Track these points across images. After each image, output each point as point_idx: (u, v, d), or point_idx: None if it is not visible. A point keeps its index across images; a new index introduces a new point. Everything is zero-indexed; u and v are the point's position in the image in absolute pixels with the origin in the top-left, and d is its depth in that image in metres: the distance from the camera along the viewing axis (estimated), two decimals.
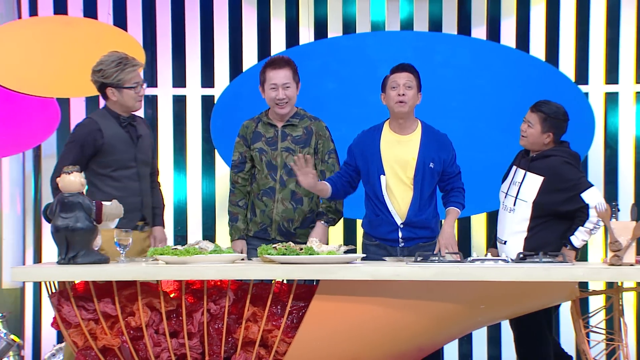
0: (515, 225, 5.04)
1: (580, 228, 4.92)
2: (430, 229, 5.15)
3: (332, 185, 5.12)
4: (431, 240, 5.15)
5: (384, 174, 5.10)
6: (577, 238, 4.93)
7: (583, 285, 5.09)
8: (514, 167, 5.15)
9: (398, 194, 5.12)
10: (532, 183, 5.02)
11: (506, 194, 5.12)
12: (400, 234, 5.11)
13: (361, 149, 5.20)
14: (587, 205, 4.90)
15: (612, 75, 6.57)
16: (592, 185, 4.96)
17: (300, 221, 5.22)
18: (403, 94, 5.07)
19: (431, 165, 5.10)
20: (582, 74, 6.57)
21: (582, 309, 4.58)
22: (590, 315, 4.68)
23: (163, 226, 5.22)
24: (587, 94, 6.49)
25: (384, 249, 5.15)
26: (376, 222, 5.17)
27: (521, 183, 5.04)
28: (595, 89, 6.57)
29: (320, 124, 5.32)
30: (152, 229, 5.17)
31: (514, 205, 5.04)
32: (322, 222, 5.23)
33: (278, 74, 5.17)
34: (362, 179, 5.21)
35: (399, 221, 5.11)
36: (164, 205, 5.29)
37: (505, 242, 5.06)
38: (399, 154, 5.12)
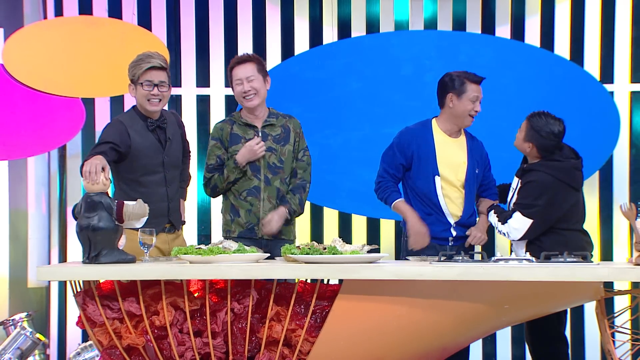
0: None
1: (496, 217, 5.07)
2: None
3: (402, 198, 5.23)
4: None
5: (439, 175, 5.11)
6: (492, 217, 5.10)
7: (608, 285, 5.07)
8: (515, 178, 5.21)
9: (451, 195, 5.14)
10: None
11: (509, 203, 5.19)
12: (454, 233, 5.15)
13: (415, 146, 5.18)
14: (510, 217, 5.02)
15: (637, 74, 6.53)
16: (527, 215, 4.97)
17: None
18: (478, 110, 5.18)
19: (476, 170, 5.17)
20: (607, 72, 6.53)
21: (607, 309, 4.56)
22: (616, 315, 4.65)
23: (184, 199, 5.23)
24: (612, 93, 6.46)
25: (432, 247, 5.14)
26: (427, 221, 5.16)
27: (514, 191, 5.11)
28: (621, 87, 6.53)
29: (296, 121, 5.30)
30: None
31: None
32: (286, 209, 5.17)
33: (241, 69, 5.14)
34: (412, 177, 5.21)
35: (452, 221, 5.13)
36: (189, 179, 5.31)
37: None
38: (452, 157, 5.16)
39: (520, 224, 4.96)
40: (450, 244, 5.13)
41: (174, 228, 5.05)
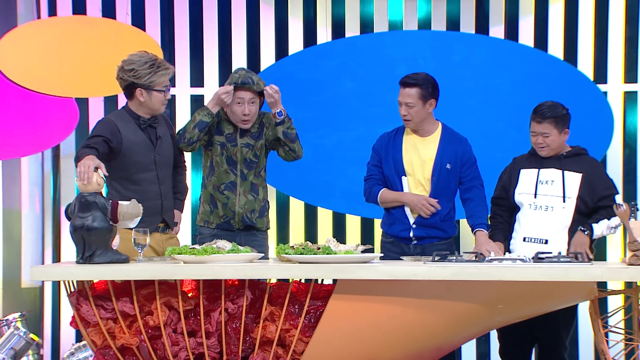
0: (559, 222, 5.04)
1: (605, 220, 4.99)
2: (443, 230, 5.20)
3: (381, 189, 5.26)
4: (444, 240, 5.21)
5: (405, 175, 5.14)
6: (599, 227, 5.01)
7: (602, 285, 5.08)
8: (532, 170, 5.13)
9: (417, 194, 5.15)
10: (573, 180, 5.06)
11: (535, 194, 5.11)
12: (411, 233, 5.16)
13: (384, 150, 5.25)
14: (621, 205, 5.00)
15: (631, 74, 6.54)
16: (618, 191, 5.15)
17: (258, 210, 5.29)
18: (405, 114, 5.14)
19: (448, 166, 5.13)
20: (601, 72, 6.54)
21: (600, 309, 4.56)
22: (609, 315, 4.66)
23: (181, 210, 5.26)
24: (606, 93, 6.47)
25: (398, 246, 5.23)
26: (391, 220, 5.25)
27: (563, 181, 5.05)
28: (614, 87, 6.54)
29: (268, 114, 5.36)
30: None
31: (564, 202, 5.05)
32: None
33: (246, 92, 5.20)
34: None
35: (411, 220, 5.15)
36: (186, 190, 5.33)
37: (547, 241, 5.05)
38: (418, 156, 5.16)
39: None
40: (413, 242, 5.18)
41: (168, 227, 5.05)
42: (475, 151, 5.24)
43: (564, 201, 5.05)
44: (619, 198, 5.08)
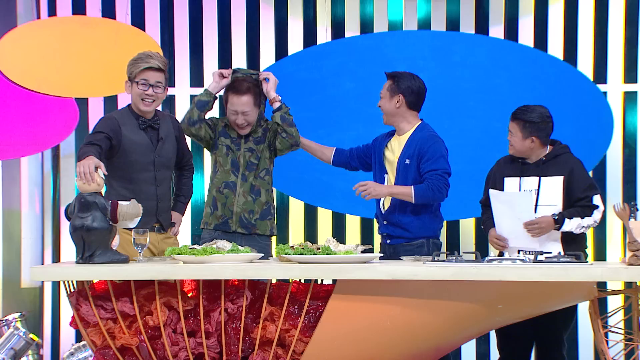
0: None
1: (578, 219, 4.93)
2: (407, 230, 5.14)
3: (337, 149, 5.42)
4: (413, 241, 5.13)
5: (387, 174, 5.15)
6: (570, 224, 4.93)
7: (601, 285, 5.08)
8: (514, 178, 5.08)
9: None
10: (553, 186, 5.00)
11: None
12: (381, 230, 5.22)
13: (373, 150, 5.30)
14: (597, 206, 4.97)
15: (631, 74, 6.54)
16: (599, 191, 5.04)
17: (259, 212, 5.27)
18: (379, 104, 5.20)
19: (407, 161, 5.09)
20: (601, 73, 6.54)
21: (600, 309, 4.56)
22: (609, 315, 4.66)
23: (181, 214, 5.26)
24: (605, 93, 6.47)
25: (383, 245, 5.25)
26: (377, 219, 5.29)
27: (538, 190, 4.99)
28: (614, 88, 6.54)
29: (272, 121, 5.34)
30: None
31: (536, 212, 4.98)
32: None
33: (237, 101, 5.21)
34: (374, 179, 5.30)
35: (382, 217, 5.18)
36: (190, 193, 5.35)
37: (541, 252, 5.00)
38: (391, 154, 5.17)
39: (601, 204, 4.98)
40: (387, 241, 5.18)
41: (163, 229, 5.05)
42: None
43: (535, 211, 4.98)
44: (597, 198, 4.98)
